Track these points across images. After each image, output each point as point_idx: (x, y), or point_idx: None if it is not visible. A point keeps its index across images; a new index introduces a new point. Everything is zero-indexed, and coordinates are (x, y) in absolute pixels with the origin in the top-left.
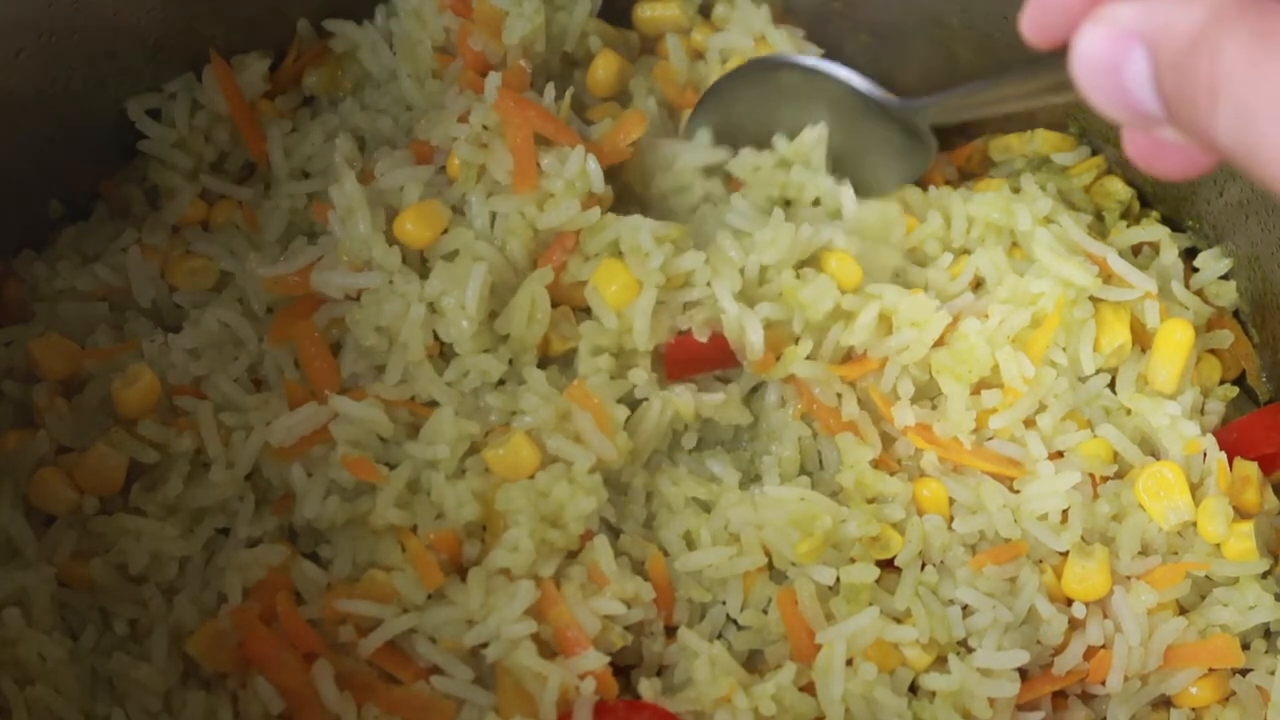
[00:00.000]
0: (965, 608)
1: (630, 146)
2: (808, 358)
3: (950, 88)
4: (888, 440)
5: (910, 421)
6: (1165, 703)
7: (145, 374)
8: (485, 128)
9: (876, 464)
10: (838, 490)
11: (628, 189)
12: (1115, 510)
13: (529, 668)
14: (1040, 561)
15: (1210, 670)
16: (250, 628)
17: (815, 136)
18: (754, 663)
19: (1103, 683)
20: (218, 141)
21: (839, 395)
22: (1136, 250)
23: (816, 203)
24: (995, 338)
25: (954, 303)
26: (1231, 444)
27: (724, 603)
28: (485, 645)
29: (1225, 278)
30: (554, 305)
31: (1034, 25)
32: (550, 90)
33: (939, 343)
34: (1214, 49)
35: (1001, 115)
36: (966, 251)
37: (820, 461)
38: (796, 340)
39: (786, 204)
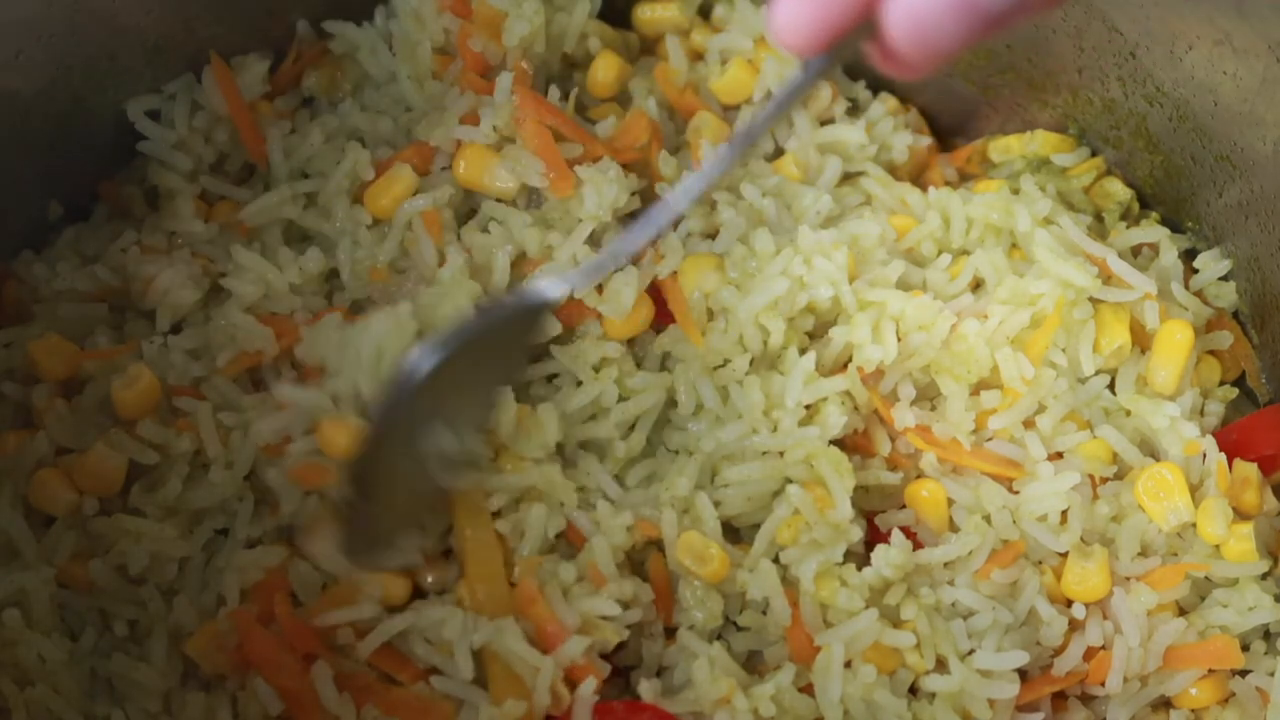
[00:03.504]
0: (957, 603)
1: (639, 150)
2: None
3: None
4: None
5: (910, 423)
6: (1165, 704)
7: (145, 375)
8: (495, 128)
9: (889, 461)
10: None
11: None
12: (1115, 511)
13: (516, 653)
14: (1040, 563)
15: (1210, 671)
16: (249, 629)
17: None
18: (753, 664)
19: (1102, 684)
20: (217, 143)
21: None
22: (1136, 251)
23: None
24: (995, 339)
25: (953, 303)
26: (1231, 445)
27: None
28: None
29: (1225, 279)
30: None
31: (800, 32)
32: (553, 91)
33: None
34: None
35: (999, 116)
36: (965, 252)
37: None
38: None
39: None
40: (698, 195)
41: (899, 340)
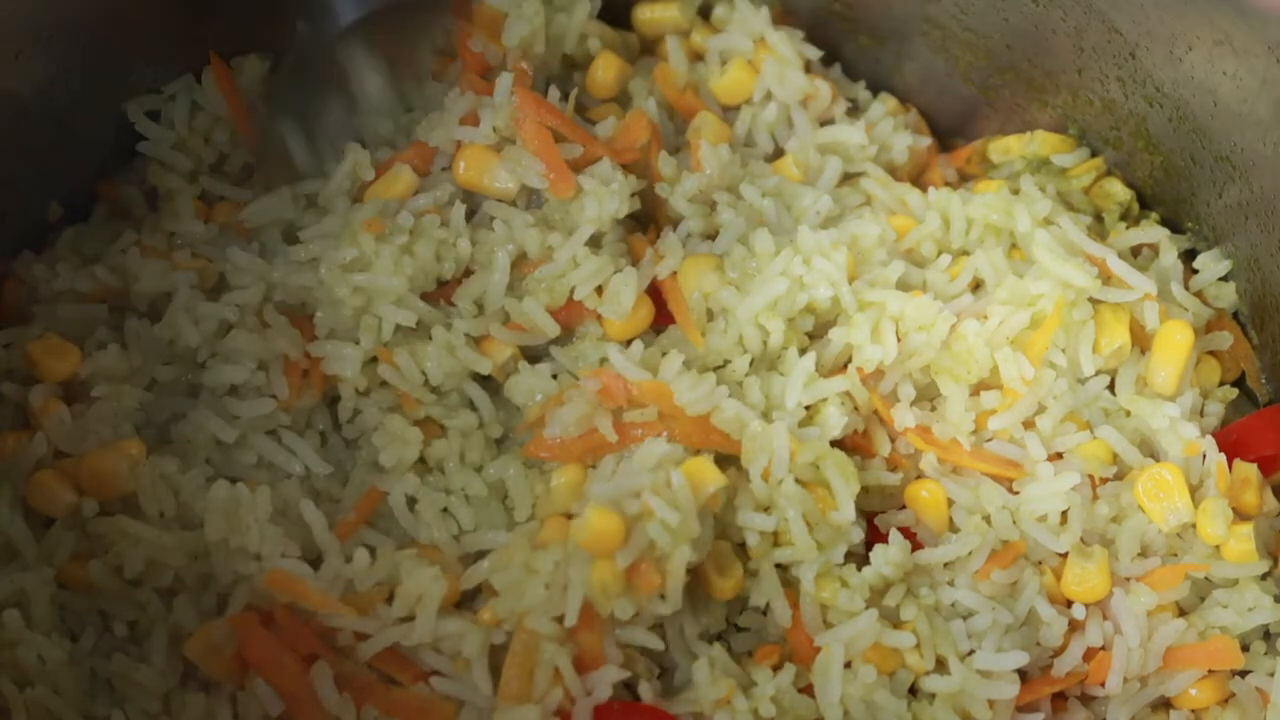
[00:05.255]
0: (956, 604)
1: (639, 150)
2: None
3: None
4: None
5: (910, 423)
6: (1165, 704)
7: None
8: (495, 128)
9: (889, 461)
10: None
11: None
12: (1115, 512)
13: (542, 633)
14: (1040, 563)
15: (1210, 672)
16: (249, 630)
17: None
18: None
19: (1102, 684)
20: (217, 143)
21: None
22: (1136, 252)
23: None
24: (994, 339)
25: (953, 304)
26: (1231, 446)
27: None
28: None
29: (1225, 279)
30: None
31: None
32: (553, 92)
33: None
34: None
35: (999, 116)
36: (965, 253)
37: None
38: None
39: None
40: None
41: (899, 341)
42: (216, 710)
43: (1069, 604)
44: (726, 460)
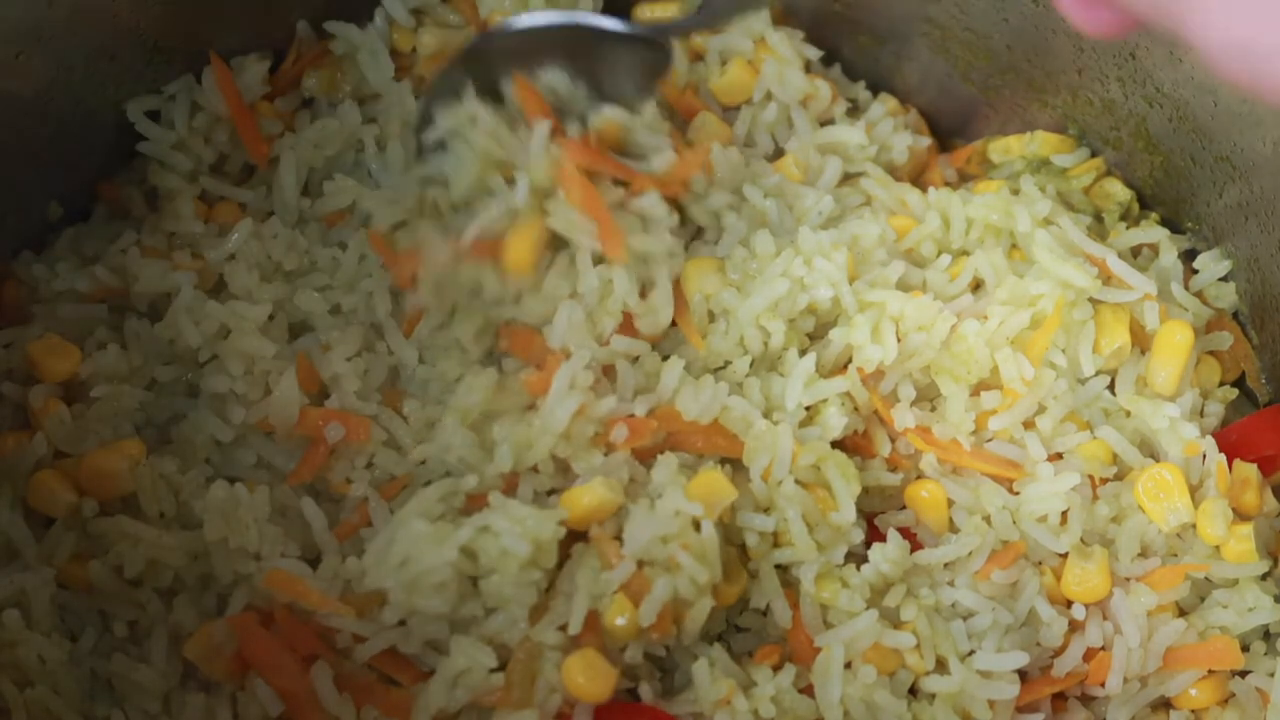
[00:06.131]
0: (956, 604)
1: (682, 185)
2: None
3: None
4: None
5: (910, 423)
6: (1165, 704)
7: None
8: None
9: (889, 462)
10: None
11: None
12: (1115, 512)
13: (547, 643)
14: (1040, 563)
15: (1210, 672)
16: (249, 630)
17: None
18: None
19: (1102, 684)
20: (217, 143)
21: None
22: (1136, 252)
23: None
24: (994, 339)
25: (953, 304)
26: (1231, 446)
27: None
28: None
29: (1225, 279)
30: None
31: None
32: None
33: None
34: None
35: (999, 117)
36: (965, 253)
37: None
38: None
39: None
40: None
41: (899, 341)
42: (216, 710)
43: (1069, 604)
44: (724, 461)
